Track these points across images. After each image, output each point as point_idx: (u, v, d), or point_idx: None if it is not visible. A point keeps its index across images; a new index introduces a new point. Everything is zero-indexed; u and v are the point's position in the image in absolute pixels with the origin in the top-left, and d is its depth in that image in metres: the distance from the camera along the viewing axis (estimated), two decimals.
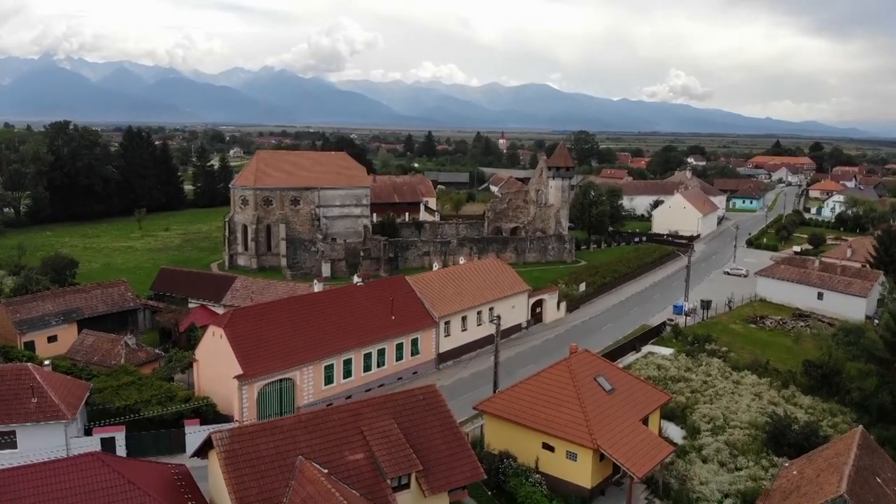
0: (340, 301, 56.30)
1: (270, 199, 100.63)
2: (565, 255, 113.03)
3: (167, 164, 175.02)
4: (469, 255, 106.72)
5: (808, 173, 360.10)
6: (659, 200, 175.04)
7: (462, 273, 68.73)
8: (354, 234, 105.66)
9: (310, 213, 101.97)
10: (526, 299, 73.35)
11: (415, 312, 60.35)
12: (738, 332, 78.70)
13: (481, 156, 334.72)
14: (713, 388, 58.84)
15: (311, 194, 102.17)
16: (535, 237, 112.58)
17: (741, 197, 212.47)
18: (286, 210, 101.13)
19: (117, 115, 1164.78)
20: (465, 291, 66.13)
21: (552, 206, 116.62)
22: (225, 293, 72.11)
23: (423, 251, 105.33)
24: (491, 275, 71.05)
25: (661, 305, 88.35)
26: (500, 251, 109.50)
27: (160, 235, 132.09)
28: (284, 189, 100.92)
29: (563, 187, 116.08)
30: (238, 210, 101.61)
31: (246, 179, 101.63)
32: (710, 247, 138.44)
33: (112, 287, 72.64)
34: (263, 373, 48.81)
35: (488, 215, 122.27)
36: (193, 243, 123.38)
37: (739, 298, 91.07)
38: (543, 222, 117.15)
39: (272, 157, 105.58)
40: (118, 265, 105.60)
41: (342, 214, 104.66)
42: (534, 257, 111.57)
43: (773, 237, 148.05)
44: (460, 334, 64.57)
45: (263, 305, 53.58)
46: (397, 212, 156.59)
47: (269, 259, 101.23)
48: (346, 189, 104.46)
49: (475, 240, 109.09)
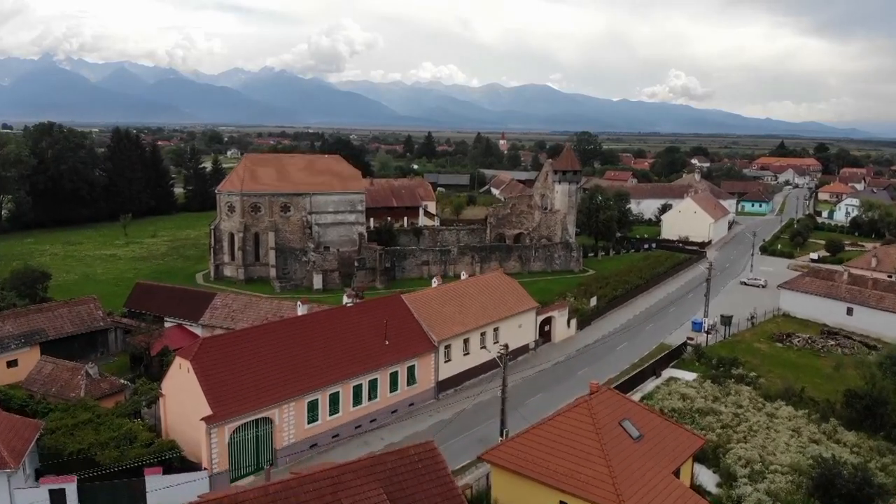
0: (327, 326, 49.94)
1: (259, 206, 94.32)
2: (572, 263, 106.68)
3: (157, 166, 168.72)
4: (471, 265, 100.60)
5: (814, 175, 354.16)
6: (667, 204, 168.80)
7: (464, 289, 62.38)
8: (349, 242, 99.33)
9: (301, 221, 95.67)
10: (534, 317, 67.02)
11: (411, 336, 54.00)
12: (764, 352, 72.32)
13: (482, 157, 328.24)
14: (746, 422, 52.42)
15: (303, 200, 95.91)
16: (541, 245, 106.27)
17: (750, 200, 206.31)
18: (275, 217, 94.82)
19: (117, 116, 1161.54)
20: (468, 310, 59.78)
21: (558, 211, 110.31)
22: (203, 311, 65.77)
23: (422, 260, 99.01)
24: (496, 291, 64.72)
25: (678, 321, 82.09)
26: (504, 260, 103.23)
27: (146, 242, 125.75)
28: (274, 195, 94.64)
29: (570, 192, 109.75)
30: (224, 217, 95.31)
31: (232, 184, 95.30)
32: (724, 254, 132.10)
33: (81, 305, 66.29)
34: (237, 413, 42.46)
35: (491, 221, 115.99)
36: (180, 251, 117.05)
37: (761, 313, 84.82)
38: (549, 229, 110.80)
39: (261, 161, 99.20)
40: (98, 276, 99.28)
41: (335, 221, 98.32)
42: (539, 266, 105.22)
43: (788, 243, 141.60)
44: (462, 359, 58.22)
45: (238, 333, 47.17)
46: (395, 216, 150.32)
47: (258, 269, 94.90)
48: (339, 194, 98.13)
49: (477, 248, 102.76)
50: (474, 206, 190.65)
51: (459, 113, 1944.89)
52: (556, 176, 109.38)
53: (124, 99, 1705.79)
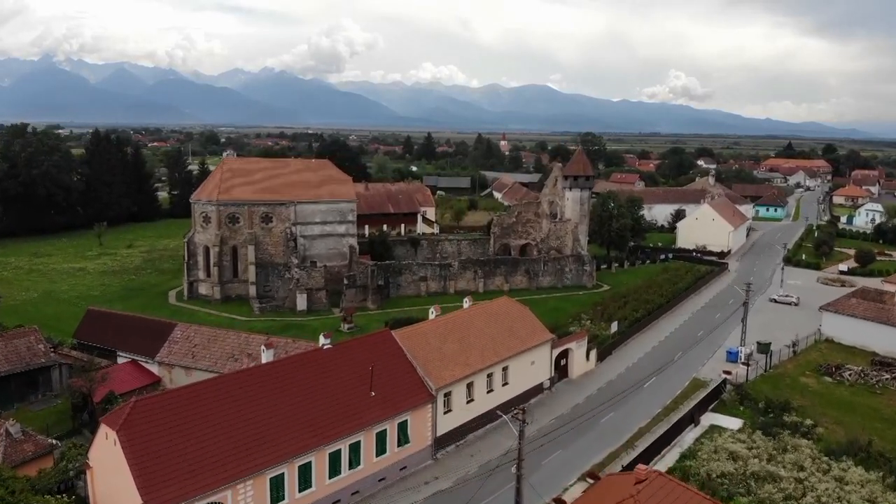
0: (297, 376, 40.28)
1: (237, 216, 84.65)
2: (585, 278, 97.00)
3: (139, 169, 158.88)
4: (473, 281, 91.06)
5: (824, 177, 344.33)
6: (680, 210, 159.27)
7: (467, 321, 52.69)
8: (338, 256, 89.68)
9: (284, 233, 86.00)
10: (549, 351, 57.36)
11: (403, 384, 44.34)
12: (813, 388, 62.63)
13: (483, 158, 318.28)
14: (812, 491, 42.75)
15: (286, 210, 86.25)
16: (550, 258, 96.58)
17: (765, 204, 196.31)
18: (256, 229, 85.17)
19: (117, 117, 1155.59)
20: (472, 347, 50.12)
21: (569, 220, 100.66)
22: (161, 346, 56.13)
23: (420, 276, 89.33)
24: (504, 321, 55.08)
25: (710, 349, 72.44)
26: (510, 274, 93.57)
27: (121, 254, 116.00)
28: (253, 204, 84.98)
29: (582, 199, 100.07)
30: (199, 229, 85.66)
31: (207, 192, 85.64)
32: (745, 265, 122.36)
33: (19, 338, 56.65)
34: (177, 498, 32.80)
35: (495, 231, 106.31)
36: (156, 264, 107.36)
37: (801, 338, 75.26)
38: (559, 240, 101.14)
39: (240, 166, 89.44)
40: (60, 294, 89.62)
41: (323, 233, 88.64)
42: (548, 281, 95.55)
43: (812, 253, 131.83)
44: (465, 408, 48.55)
45: (181, 392, 37.37)
46: (392, 223, 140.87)
47: (236, 287, 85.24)
48: (327, 203, 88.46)
49: (480, 262, 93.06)
50: (476, 210, 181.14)
51: (459, 113, 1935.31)
52: (567, 182, 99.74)
53: (124, 99, 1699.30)
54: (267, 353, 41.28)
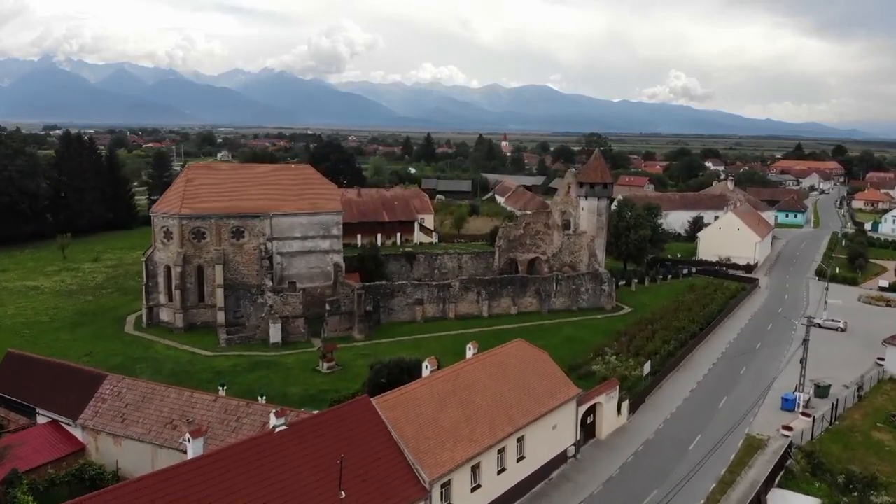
0: (234, 478, 28.66)
1: (203, 231, 73.05)
2: (603, 299, 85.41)
3: (114, 173, 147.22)
4: (476, 303, 79.54)
5: (836, 179, 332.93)
6: (698, 217, 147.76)
7: (471, 378, 41.07)
8: (321, 275, 78.11)
9: (258, 250, 74.42)
10: (574, 410, 45.76)
11: (387, 476, 32.77)
12: (889, 447, 51.12)
13: (484, 160, 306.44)
14: None
15: (260, 223, 74.67)
16: (564, 276, 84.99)
17: (784, 210, 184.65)
18: (225, 245, 73.58)
19: (117, 117, 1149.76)
20: (479, 414, 38.58)
21: (584, 233, 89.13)
22: (87, 403, 44.58)
23: (415, 298, 77.73)
24: (518, 374, 43.51)
25: (757, 390, 61.04)
26: (518, 295, 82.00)
27: (84, 269, 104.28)
28: (222, 217, 73.38)
29: (599, 209, 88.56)
30: (159, 246, 74.07)
31: (169, 204, 74.03)
32: (775, 279, 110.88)
33: None
34: None
35: (500, 244, 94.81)
36: (119, 281, 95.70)
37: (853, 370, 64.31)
38: (573, 255, 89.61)
39: (207, 173, 77.72)
40: (4, 320, 77.83)
41: (304, 250, 77.03)
42: (562, 303, 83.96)
43: (844, 265, 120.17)
44: (468, 497, 36.90)
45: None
46: (387, 232, 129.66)
47: (202, 313, 73.65)
48: (309, 215, 76.86)
49: (484, 282, 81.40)
50: (477, 216, 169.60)
51: (459, 114, 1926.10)
52: (582, 189, 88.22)
53: (124, 100, 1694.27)
54: (192, 445, 29.56)
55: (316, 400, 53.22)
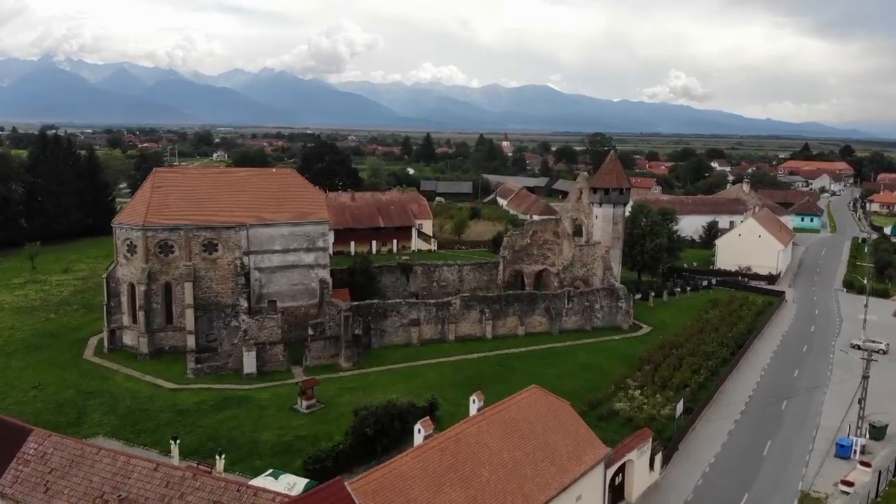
0: None
1: (171, 245, 64.69)
2: (620, 318, 77.06)
3: (94, 176, 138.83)
4: (479, 323, 71.24)
5: (846, 180, 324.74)
6: (713, 222, 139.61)
7: (476, 443, 32.63)
8: (304, 293, 69.70)
9: (233, 265, 66.08)
10: (602, 474, 37.42)
11: None
12: None
13: (485, 161, 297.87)
14: None
15: (236, 235, 66.31)
16: (577, 292, 76.60)
17: (800, 213, 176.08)
18: (196, 260, 65.23)
19: (117, 117, 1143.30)
20: (486, 495, 30.21)
21: (598, 244, 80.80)
22: (7, 465, 36.25)
23: (410, 318, 69.34)
24: (534, 434, 35.16)
25: (804, 431, 52.83)
26: (526, 314, 73.59)
27: (51, 281, 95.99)
28: (193, 228, 65.03)
29: (615, 217, 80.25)
30: (122, 261, 65.72)
31: (133, 214, 65.62)
32: (801, 292, 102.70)
33: None
34: None
35: (505, 255, 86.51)
36: (87, 296, 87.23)
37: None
38: (585, 268, 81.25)
39: (176, 179, 69.30)
40: None
41: (285, 265, 68.62)
42: (574, 322, 75.58)
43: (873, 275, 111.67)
44: None
45: None
46: (382, 239, 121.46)
47: (170, 337, 65.30)
48: (291, 225, 68.47)
49: (488, 299, 72.93)
50: (478, 220, 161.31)
51: (459, 114, 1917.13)
52: (596, 196, 79.85)
53: (124, 100, 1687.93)
54: None
55: (290, 451, 44.99)
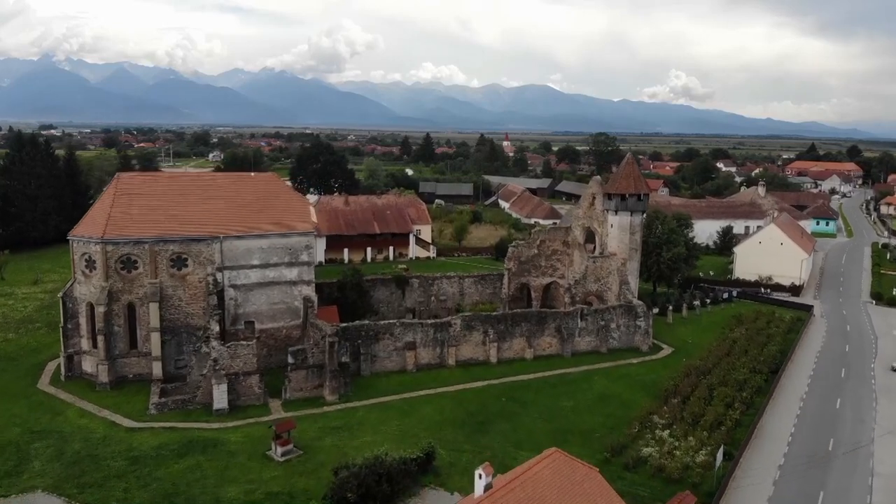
0: None
1: (134, 260, 57.22)
2: (639, 338, 69.50)
3: (73, 179, 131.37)
4: (483, 345, 63.79)
5: (856, 181, 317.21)
6: (728, 228, 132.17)
7: None
8: (286, 313, 62.21)
9: (205, 282, 58.61)
10: None
11: None
12: None
13: (486, 161, 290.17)
14: None
15: (208, 248, 58.83)
16: (590, 309, 69.05)
17: (815, 217, 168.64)
18: (163, 277, 57.76)
19: (116, 117, 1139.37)
20: None
21: (613, 256, 73.27)
22: None
23: (405, 341, 61.84)
24: None
25: (857, 475, 45.30)
26: (535, 335, 66.06)
27: (19, 294, 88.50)
28: (159, 241, 57.55)
29: (633, 226, 72.68)
30: (80, 278, 58.24)
31: (91, 226, 58.10)
32: (827, 304, 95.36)
33: None
34: None
35: (510, 267, 79.06)
36: (53, 312, 79.10)
37: None
38: (600, 282, 73.68)
39: (142, 186, 61.62)
40: None
41: (264, 281, 61.12)
42: (588, 344, 68.06)
43: None
44: None
45: None
46: (378, 246, 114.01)
47: (134, 364, 57.82)
48: (271, 237, 61.02)
49: (492, 319, 65.27)
50: (480, 224, 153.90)
51: (459, 114, 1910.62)
52: (611, 202, 72.28)
53: (124, 100, 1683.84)
54: None
55: None
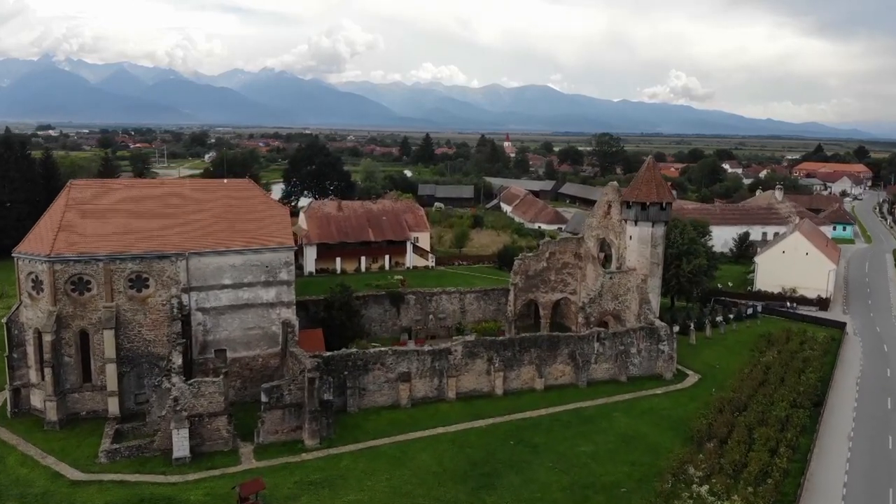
0: None
1: (87, 280, 49.78)
2: (661, 364, 62.03)
3: (51, 183, 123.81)
4: (486, 375, 56.44)
5: (866, 183, 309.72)
6: (745, 234, 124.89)
7: None
8: (263, 339, 54.72)
9: (168, 305, 51.14)
10: None
11: None
12: None
13: (486, 163, 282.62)
14: None
15: (172, 266, 51.37)
16: (608, 333, 61.58)
17: (833, 222, 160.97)
18: (120, 300, 50.31)
19: (116, 117, 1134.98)
20: None
21: (633, 270, 65.81)
22: None
23: (399, 372, 54.34)
24: None
25: None
26: (546, 363, 58.54)
27: None
28: (115, 258, 50.12)
29: (654, 238, 65.21)
30: (27, 301, 50.79)
31: (38, 242, 50.63)
32: (858, 319, 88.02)
33: None
34: None
35: (516, 282, 71.64)
36: None
37: None
38: (617, 300, 66.20)
39: (97, 195, 53.97)
40: None
41: (237, 303, 53.63)
42: (605, 372, 60.59)
43: None
44: None
45: None
46: (373, 255, 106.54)
47: (87, 399, 50.33)
48: (245, 253, 53.61)
49: (497, 345, 57.76)
50: (481, 229, 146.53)
51: (459, 114, 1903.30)
52: (630, 211, 64.81)
53: (124, 100, 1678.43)
54: None
55: None
